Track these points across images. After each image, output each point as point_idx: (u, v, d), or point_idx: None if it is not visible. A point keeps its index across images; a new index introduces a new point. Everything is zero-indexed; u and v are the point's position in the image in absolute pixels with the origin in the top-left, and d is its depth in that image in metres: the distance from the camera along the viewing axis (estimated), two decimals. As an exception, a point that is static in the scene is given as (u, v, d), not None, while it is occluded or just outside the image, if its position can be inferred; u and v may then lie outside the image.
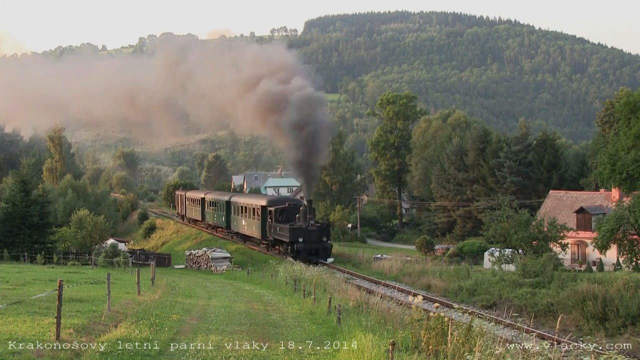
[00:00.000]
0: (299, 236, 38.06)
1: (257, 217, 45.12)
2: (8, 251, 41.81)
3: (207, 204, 60.98)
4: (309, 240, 38.13)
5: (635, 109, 37.15)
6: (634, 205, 33.19)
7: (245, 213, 48.21)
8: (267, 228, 43.28)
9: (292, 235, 38.22)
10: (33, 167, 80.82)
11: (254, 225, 46.02)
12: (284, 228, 39.41)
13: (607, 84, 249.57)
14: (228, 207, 53.27)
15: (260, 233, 44.74)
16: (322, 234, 38.90)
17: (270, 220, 42.08)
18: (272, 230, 41.79)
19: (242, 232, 49.85)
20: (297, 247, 37.83)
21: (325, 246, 38.86)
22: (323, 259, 38.44)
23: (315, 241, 38.31)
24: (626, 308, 22.52)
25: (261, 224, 44.24)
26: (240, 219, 49.50)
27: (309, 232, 38.23)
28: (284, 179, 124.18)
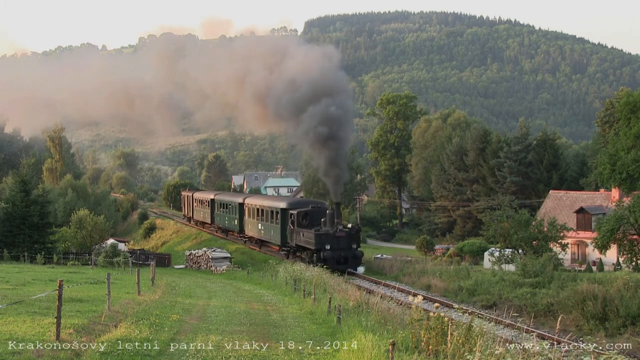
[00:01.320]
0: (326, 243, 34.21)
1: (276, 220, 40.84)
2: (8, 251, 41.82)
3: (217, 205, 57.11)
4: (337, 248, 34.36)
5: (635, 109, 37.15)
6: (634, 205, 33.19)
7: (261, 216, 44.00)
8: (287, 233, 39.34)
9: (318, 242, 34.37)
10: (33, 167, 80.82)
11: (272, 230, 41.77)
12: (308, 234, 35.56)
13: (607, 84, 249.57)
14: (241, 210, 49.24)
15: (279, 238, 40.47)
16: (352, 241, 35.13)
17: (292, 224, 38.16)
18: (294, 235, 37.76)
19: (258, 237, 45.84)
20: (324, 255, 33.90)
21: (356, 254, 35.06)
22: (353, 268, 34.67)
23: (344, 248, 34.59)
24: (626, 308, 22.52)
25: (281, 228, 40.04)
26: (256, 222, 45.33)
27: (336, 239, 34.40)
28: (284, 179, 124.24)
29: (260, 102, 41.28)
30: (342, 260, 34.41)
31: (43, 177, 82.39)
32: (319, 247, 34.36)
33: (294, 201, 41.90)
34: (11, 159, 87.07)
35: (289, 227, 38.95)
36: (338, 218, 35.38)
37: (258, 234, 45.42)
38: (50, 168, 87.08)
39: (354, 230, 35.81)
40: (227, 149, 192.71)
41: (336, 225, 34.86)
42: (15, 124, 77.27)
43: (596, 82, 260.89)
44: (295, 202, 41.01)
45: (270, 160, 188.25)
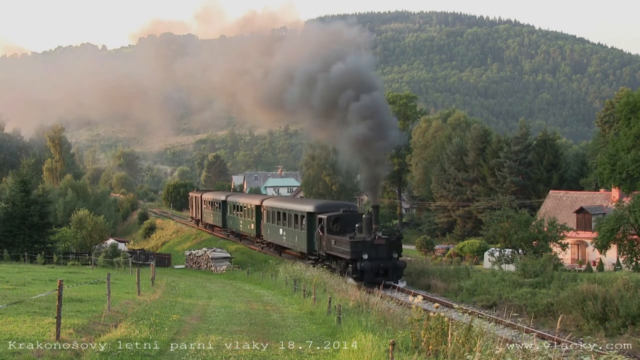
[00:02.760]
0: (363, 252, 30.04)
1: (301, 226, 36.90)
2: (8, 251, 41.82)
3: (229, 208, 52.80)
4: (376, 257, 30.16)
5: (635, 109, 37.18)
6: (634, 205, 33.19)
7: (283, 220, 39.99)
8: (314, 240, 35.37)
9: (354, 251, 30.14)
10: (33, 167, 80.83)
11: (297, 236, 37.65)
12: (341, 241, 31.42)
13: (607, 84, 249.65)
14: (259, 213, 45.04)
15: (305, 246, 36.31)
16: (392, 249, 30.89)
17: (321, 230, 33.98)
18: (324, 243, 33.61)
19: (279, 243, 41.68)
20: (361, 266, 29.78)
21: (397, 264, 30.65)
22: (394, 281, 30.19)
23: (383, 258, 30.33)
24: (626, 308, 22.51)
25: (307, 235, 35.92)
26: (277, 227, 41.16)
27: (375, 247, 30.28)
28: (284, 179, 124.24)
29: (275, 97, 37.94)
30: (382, 272, 30.08)
31: (43, 177, 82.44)
32: (354, 256, 30.12)
33: (322, 204, 37.61)
34: (11, 159, 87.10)
35: (316, 234, 34.88)
36: (376, 223, 31.13)
37: (279, 240, 41.09)
38: (50, 168, 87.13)
39: (395, 237, 31.73)
40: (227, 149, 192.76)
41: (374, 232, 30.70)
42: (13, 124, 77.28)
43: (596, 82, 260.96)
44: (324, 205, 36.93)
45: (270, 160, 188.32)
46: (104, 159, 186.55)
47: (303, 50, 36.94)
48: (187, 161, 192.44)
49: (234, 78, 41.86)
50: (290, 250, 41.36)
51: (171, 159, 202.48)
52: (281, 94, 36.64)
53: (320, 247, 34.25)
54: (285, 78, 36.28)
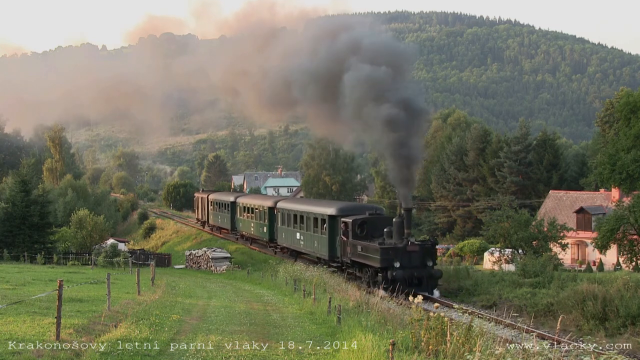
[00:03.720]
0: (395, 259, 27.22)
1: (321, 230, 33.92)
2: (8, 251, 41.86)
3: (239, 209, 49.73)
4: (409, 265, 27.36)
5: (635, 109, 37.17)
6: (634, 205, 33.22)
7: (300, 224, 37.19)
8: (337, 246, 32.42)
9: (385, 258, 27.27)
10: (33, 167, 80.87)
11: (317, 241, 34.62)
12: (370, 247, 28.40)
13: (607, 84, 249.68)
14: (272, 215, 42.14)
15: (326, 252, 33.19)
16: (427, 257, 28.00)
17: (345, 235, 31.05)
18: (349, 249, 30.51)
19: (296, 249, 38.58)
20: (393, 275, 26.83)
21: (432, 273, 27.63)
22: (428, 292, 27.04)
23: (417, 266, 27.53)
24: (626, 308, 22.52)
25: (329, 240, 32.94)
26: (293, 231, 38.33)
27: (408, 254, 27.50)
28: (284, 179, 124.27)
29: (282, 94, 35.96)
30: (416, 282, 27.24)
31: (43, 177, 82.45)
32: (385, 264, 27.26)
33: (344, 206, 34.52)
34: (11, 159, 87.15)
35: (339, 239, 32.04)
36: (408, 228, 28.19)
37: (295, 244, 38.18)
38: (50, 168, 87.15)
39: (429, 244, 28.82)
40: (227, 149, 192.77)
41: (407, 237, 27.80)
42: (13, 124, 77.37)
43: (596, 82, 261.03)
44: (347, 208, 34.00)
45: (270, 160, 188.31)
46: (104, 159, 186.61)
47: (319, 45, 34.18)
48: (187, 161, 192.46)
49: (236, 76, 41.09)
50: (307, 256, 37.70)
51: (171, 159, 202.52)
52: (292, 90, 34.89)
53: (343, 253, 31.34)
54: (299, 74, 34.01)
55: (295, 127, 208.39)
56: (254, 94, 40.56)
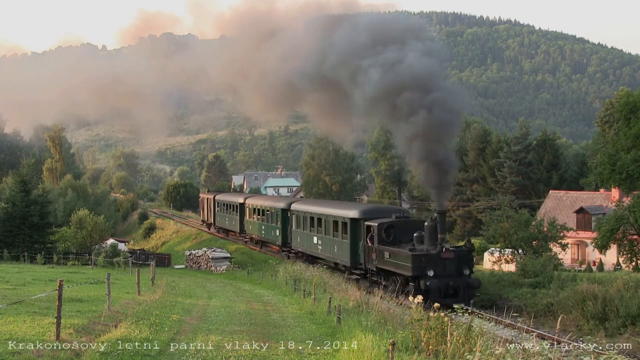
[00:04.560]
0: (428, 267, 24.65)
1: (342, 234, 31.30)
2: (8, 251, 41.88)
3: (248, 211, 47.47)
4: (443, 274, 24.76)
5: (635, 109, 37.13)
6: (634, 205, 33.20)
7: (318, 227, 34.60)
8: (360, 252, 29.83)
9: (417, 266, 24.68)
10: (33, 167, 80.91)
11: (337, 246, 31.99)
12: (399, 254, 25.90)
13: (607, 84, 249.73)
14: (285, 218, 39.81)
15: (348, 258, 30.55)
16: (463, 264, 25.35)
17: (369, 240, 28.48)
18: (374, 255, 27.94)
19: (312, 254, 35.86)
20: (426, 285, 24.21)
21: (469, 282, 25.03)
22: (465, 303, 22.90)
23: (452, 275, 24.92)
24: (626, 308, 22.53)
25: (350, 245, 30.29)
26: (310, 235, 35.83)
27: (442, 262, 24.92)
28: (284, 179, 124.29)
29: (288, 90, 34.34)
30: (451, 292, 24.68)
31: (43, 177, 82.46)
32: (417, 273, 24.73)
33: (368, 209, 32.00)
34: (11, 159, 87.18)
35: (362, 244, 29.49)
36: (442, 233, 25.52)
37: (312, 249, 35.72)
38: (50, 168, 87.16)
39: (465, 250, 26.07)
40: (227, 149, 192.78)
41: (440, 243, 25.14)
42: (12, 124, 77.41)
43: (596, 82, 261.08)
44: (371, 210, 31.35)
45: (270, 160, 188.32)
46: (104, 159, 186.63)
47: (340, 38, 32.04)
48: (187, 161, 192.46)
49: (237, 75, 40.47)
50: (324, 261, 34.92)
51: (171, 159, 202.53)
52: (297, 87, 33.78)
53: (367, 259, 28.80)
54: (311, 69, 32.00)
55: (295, 127, 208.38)
56: (255, 92, 40.06)
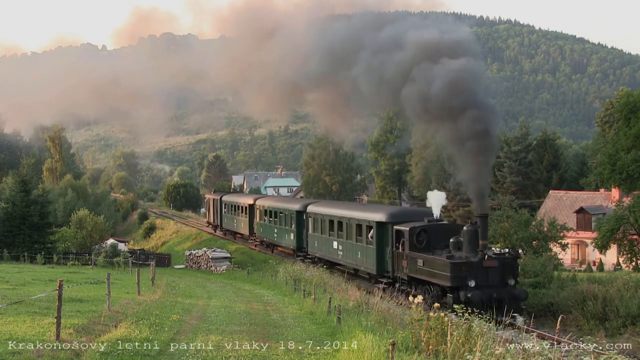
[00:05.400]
0: (469, 277, 22.07)
1: (367, 239, 28.86)
2: (8, 251, 41.89)
3: (259, 213, 44.98)
4: (486, 284, 22.20)
5: (635, 109, 37.15)
6: (634, 205, 33.23)
7: (339, 231, 32.17)
8: (387, 259, 27.23)
9: (456, 276, 22.08)
10: (33, 167, 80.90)
11: (361, 252, 29.45)
12: (435, 262, 23.39)
13: (607, 84, 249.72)
14: (300, 220, 37.51)
15: (374, 265, 28.02)
16: (507, 273, 22.75)
17: (400, 246, 25.97)
18: (405, 263, 25.41)
19: (331, 259, 33.23)
20: (467, 297, 21.38)
21: (514, 294, 22.34)
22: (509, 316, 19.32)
23: (496, 285, 22.39)
24: (626, 308, 22.55)
25: (377, 251, 27.84)
26: (329, 239, 33.37)
27: (484, 271, 22.37)
28: (284, 179, 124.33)
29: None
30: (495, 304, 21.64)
31: (43, 177, 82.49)
32: (456, 283, 22.13)
33: (396, 212, 29.12)
34: (11, 159, 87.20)
35: (389, 250, 27.06)
36: (484, 238, 22.92)
37: (332, 255, 32.95)
38: (50, 168, 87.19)
39: (510, 257, 23.30)
40: (227, 149, 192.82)
41: (482, 250, 22.54)
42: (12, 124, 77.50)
43: (596, 82, 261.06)
44: (400, 214, 28.65)
45: (270, 160, 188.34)
46: (104, 159, 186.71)
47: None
48: (187, 161, 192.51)
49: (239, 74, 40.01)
50: (344, 267, 32.89)
51: (171, 159, 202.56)
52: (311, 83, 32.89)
53: (397, 267, 26.29)
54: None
55: (295, 127, 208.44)
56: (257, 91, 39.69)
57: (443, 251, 23.94)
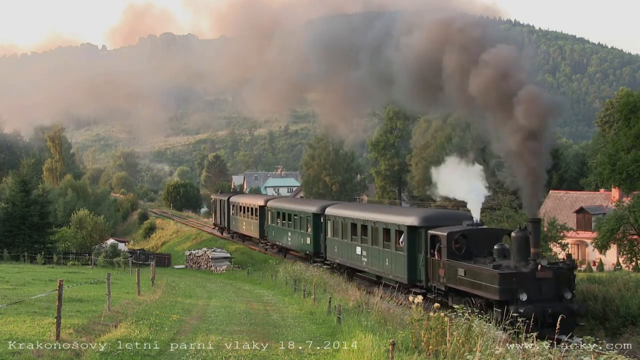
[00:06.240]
0: (520, 289, 19.42)
1: (396, 245, 26.53)
2: (8, 251, 41.90)
3: (271, 215, 42.73)
4: (539, 298, 19.58)
5: (635, 109, 37.19)
6: (634, 205, 33.24)
7: (362, 236, 29.68)
8: (421, 266, 24.73)
9: (506, 288, 19.48)
10: (33, 167, 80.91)
11: (389, 259, 26.98)
12: (480, 272, 20.68)
13: (607, 84, 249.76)
14: (317, 223, 35.37)
15: (404, 273, 25.59)
16: (563, 286, 20.02)
17: (437, 253, 23.31)
18: (442, 272, 22.87)
19: (354, 266, 30.83)
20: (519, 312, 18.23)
21: (573, 309, 19.59)
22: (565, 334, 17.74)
23: (550, 299, 19.72)
24: (626, 308, 22.57)
25: (408, 258, 25.42)
26: (350, 244, 30.76)
27: (537, 283, 19.68)
28: (284, 179, 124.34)
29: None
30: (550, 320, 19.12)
31: (43, 177, 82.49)
32: (505, 296, 19.49)
33: (429, 214, 26.60)
34: (11, 159, 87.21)
35: (423, 257, 24.55)
36: (536, 246, 20.33)
37: (355, 261, 30.41)
38: (50, 168, 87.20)
39: (566, 268, 20.50)
40: (227, 149, 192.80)
41: (534, 259, 19.95)
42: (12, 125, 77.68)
43: (596, 82, 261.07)
44: (433, 217, 26.10)
45: (270, 160, 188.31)
46: (104, 159, 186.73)
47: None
48: (187, 161, 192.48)
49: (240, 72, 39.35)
50: (367, 274, 31.16)
51: (171, 159, 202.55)
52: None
53: (432, 276, 23.80)
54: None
55: (295, 127, 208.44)
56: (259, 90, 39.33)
57: (486, 259, 21.45)
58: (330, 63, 30.80)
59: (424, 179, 78.49)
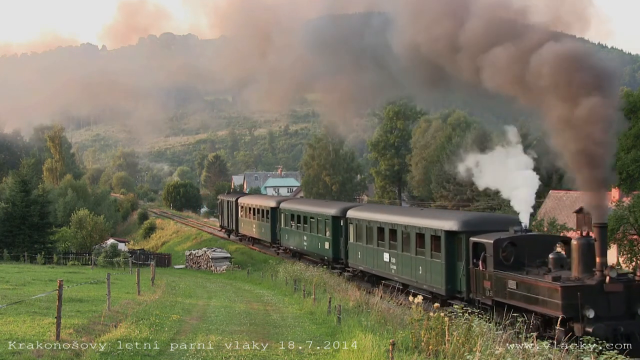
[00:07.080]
0: (587, 305, 16.61)
1: (431, 252, 23.90)
2: (8, 251, 41.92)
3: (284, 217, 40.38)
4: (608, 315, 16.80)
5: (635, 109, 37.20)
6: (634, 205, 33.22)
7: (390, 241, 27.06)
8: (461, 276, 22.12)
9: (571, 304, 16.74)
10: (33, 167, 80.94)
11: (423, 267, 24.52)
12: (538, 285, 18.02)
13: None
14: (336, 227, 32.80)
15: (443, 284, 22.91)
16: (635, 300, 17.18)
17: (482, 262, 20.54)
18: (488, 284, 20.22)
19: (380, 274, 28.02)
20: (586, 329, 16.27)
21: None
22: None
23: (621, 316, 16.99)
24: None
25: (446, 267, 22.85)
26: (376, 250, 28.17)
27: (606, 297, 16.92)
28: (284, 179, 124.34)
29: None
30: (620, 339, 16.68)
31: (43, 177, 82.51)
32: (571, 312, 16.73)
33: (469, 218, 24.14)
34: (11, 159, 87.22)
35: (464, 266, 22.01)
36: (603, 255, 17.54)
37: (382, 268, 27.71)
38: (50, 168, 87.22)
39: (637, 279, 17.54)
40: (227, 149, 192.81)
41: (601, 270, 17.14)
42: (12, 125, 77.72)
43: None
44: (474, 221, 23.44)
45: (270, 160, 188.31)
46: (104, 159, 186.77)
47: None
48: (187, 161, 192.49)
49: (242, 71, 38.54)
50: (392, 282, 26.98)
51: (171, 159, 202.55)
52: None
53: (475, 288, 21.09)
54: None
55: (295, 127, 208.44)
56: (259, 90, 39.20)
57: (539, 270, 18.71)
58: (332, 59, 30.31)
59: (424, 179, 78.60)
